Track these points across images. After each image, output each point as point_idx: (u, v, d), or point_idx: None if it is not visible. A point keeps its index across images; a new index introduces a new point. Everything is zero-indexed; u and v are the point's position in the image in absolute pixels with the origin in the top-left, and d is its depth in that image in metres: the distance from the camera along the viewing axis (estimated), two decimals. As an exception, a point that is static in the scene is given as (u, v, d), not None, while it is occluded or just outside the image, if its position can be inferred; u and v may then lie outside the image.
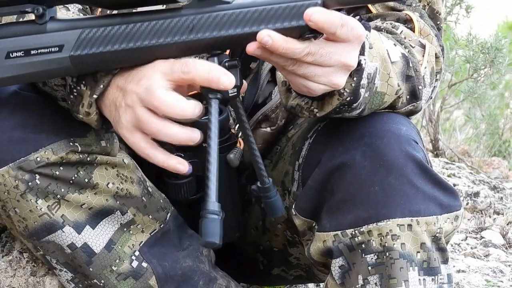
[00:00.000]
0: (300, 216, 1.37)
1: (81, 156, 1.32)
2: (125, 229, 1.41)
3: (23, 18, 1.24)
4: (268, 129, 1.56)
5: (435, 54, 1.44)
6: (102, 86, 1.18)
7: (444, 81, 3.66)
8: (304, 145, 1.40)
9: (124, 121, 1.16)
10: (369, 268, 1.27)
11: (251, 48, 1.09)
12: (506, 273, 2.39)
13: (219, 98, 1.10)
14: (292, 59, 1.10)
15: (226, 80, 1.08)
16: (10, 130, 1.29)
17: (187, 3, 1.12)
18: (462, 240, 2.66)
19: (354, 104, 1.22)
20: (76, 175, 1.33)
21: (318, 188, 1.31)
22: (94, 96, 1.20)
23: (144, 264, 1.43)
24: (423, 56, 1.40)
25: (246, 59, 1.31)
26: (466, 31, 3.40)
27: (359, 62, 1.16)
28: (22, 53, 1.17)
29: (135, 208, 1.41)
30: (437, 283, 1.28)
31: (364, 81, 1.20)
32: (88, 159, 1.33)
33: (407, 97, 1.36)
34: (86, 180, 1.34)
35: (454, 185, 3.00)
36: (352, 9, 1.44)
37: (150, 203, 1.43)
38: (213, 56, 1.12)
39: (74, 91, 1.23)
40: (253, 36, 1.09)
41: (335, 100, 1.20)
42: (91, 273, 1.40)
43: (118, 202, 1.38)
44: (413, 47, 1.38)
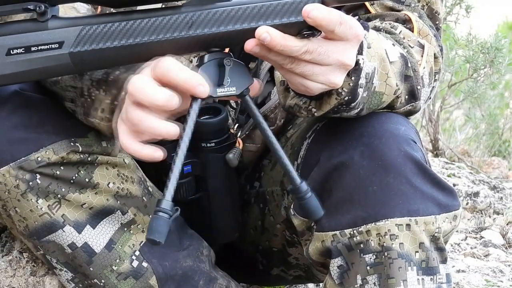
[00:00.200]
0: (298, 216, 1.37)
1: (82, 156, 1.32)
2: (125, 229, 1.41)
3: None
4: (267, 129, 1.56)
5: (434, 54, 1.44)
6: (124, 92, 1.18)
7: (444, 81, 3.66)
8: (303, 145, 1.40)
9: (117, 114, 1.17)
10: (368, 268, 1.27)
11: (249, 46, 1.10)
12: (506, 273, 2.39)
13: (203, 98, 1.11)
14: (290, 57, 1.10)
15: (201, 90, 1.09)
16: (11, 130, 1.29)
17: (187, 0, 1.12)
18: (462, 240, 2.66)
19: (352, 104, 1.22)
20: (76, 175, 1.33)
21: (316, 188, 1.31)
22: (115, 103, 1.20)
23: (145, 264, 1.43)
24: (422, 56, 1.39)
25: (245, 59, 1.31)
26: (466, 31, 3.40)
27: (357, 61, 1.16)
28: (22, 50, 1.17)
29: (135, 208, 1.41)
30: (436, 283, 1.27)
31: (362, 81, 1.20)
32: (89, 159, 1.34)
33: (406, 97, 1.35)
34: (87, 179, 1.34)
35: (454, 185, 3.00)
36: (350, 9, 1.45)
37: (151, 203, 1.43)
38: (211, 53, 1.13)
39: (92, 94, 1.23)
40: (251, 33, 1.09)
41: (333, 100, 1.20)
42: (92, 273, 1.40)
43: (118, 202, 1.38)
44: (412, 47, 1.38)
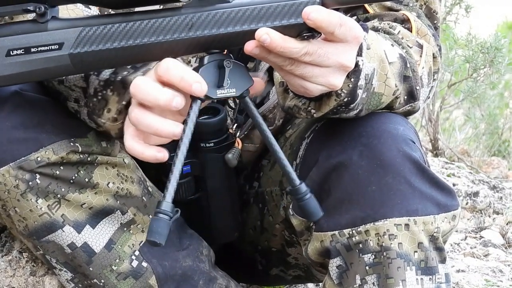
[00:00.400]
0: (297, 216, 1.37)
1: (81, 156, 1.32)
2: (125, 229, 1.41)
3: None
4: (266, 129, 1.56)
5: (433, 54, 1.44)
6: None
7: (443, 80, 3.66)
8: (302, 145, 1.40)
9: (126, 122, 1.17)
10: (367, 268, 1.27)
11: (249, 47, 1.10)
12: (505, 272, 2.38)
13: (202, 99, 1.11)
14: (290, 59, 1.10)
15: (197, 87, 1.09)
16: (11, 130, 1.29)
17: (187, 1, 1.12)
18: (461, 239, 2.66)
19: (352, 105, 1.22)
20: (76, 175, 1.33)
21: (315, 188, 1.31)
22: (123, 103, 1.21)
23: (144, 264, 1.43)
24: (421, 56, 1.39)
25: (243, 59, 1.31)
26: (465, 31, 3.40)
27: (357, 63, 1.16)
28: (22, 51, 1.17)
29: (135, 208, 1.41)
30: (435, 283, 1.27)
31: (361, 82, 1.20)
32: (89, 159, 1.33)
33: (405, 97, 1.35)
34: (87, 179, 1.34)
35: (454, 184, 2.99)
36: (349, 9, 1.45)
37: (150, 202, 1.43)
38: (211, 54, 1.13)
39: (99, 94, 1.23)
40: (251, 34, 1.09)
41: (332, 101, 1.20)
42: (91, 273, 1.40)
43: (118, 201, 1.38)
44: (410, 47, 1.38)
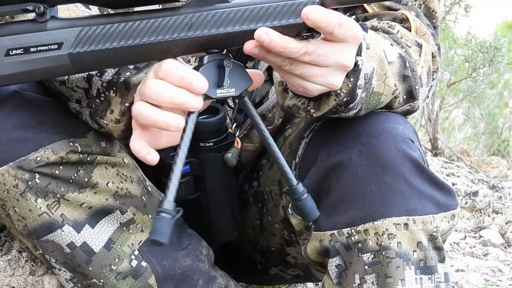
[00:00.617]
0: (296, 215, 1.37)
1: (81, 156, 1.32)
2: (124, 229, 1.41)
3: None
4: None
5: (432, 53, 1.44)
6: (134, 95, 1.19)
7: (443, 80, 3.66)
8: (301, 144, 1.40)
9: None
10: (366, 267, 1.27)
11: (248, 47, 1.10)
12: (505, 272, 2.38)
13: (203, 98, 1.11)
14: (289, 59, 1.10)
15: (198, 85, 1.09)
16: (10, 130, 1.29)
17: (186, 1, 1.12)
18: (461, 239, 2.66)
19: (351, 105, 1.22)
20: (75, 175, 1.33)
21: (314, 187, 1.31)
22: (126, 104, 1.21)
23: (144, 264, 1.43)
24: (420, 55, 1.39)
25: (243, 59, 1.31)
26: (465, 30, 3.40)
27: (356, 62, 1.16)
28: (21, 51, 1.17)
29: (134, 208, 1.41)
30: (434, 282, 1.28)
31: (361, 82, 1.20)
32: (88, 159, 1.34)
33: (404, 97, 1.36)
34: (86, 179, 1.34)
35: (453, 184, 2.99)
36: (348, 9, 1.45)
37: (150, 202, 1.43)
38: (210, 54, 1.13)
39: (102, 96, 1.23)
40: (251, 34, 1.09)
41: (331, 101, 1.20)
42: (90, 273, 1.40)
43: (117, 201, 1.38)
44: (409, 47, 1.38)
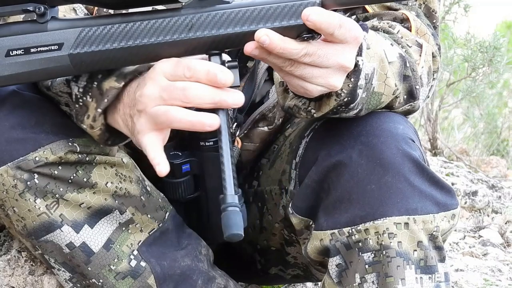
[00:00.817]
0: (297, 214, 1.37)
1: (80, 156, 1.32)
2: (123, 229, 1.41)
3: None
4: (266, 128, 1.56)
5: (432, 53, 1.44)
6: (106, 100, 1.19)
7: (442, 80, 3.67)
8: (301, 143, 1.40)
9: (139, 125, 1.15)
10: (366, 266, 1.27)
11: (249, 48, 1.09)
12: (504, 272, 2.39)
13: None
14: (290, 60, 1.10)
15: (222, 76, 1.08)
16: (9, 130, 1.29)
17: (187, 2, 1.12)
18: (460, 239, 2.66)
19: (352, 105, 1.22)
20: (74, 175, 1.33)
21: (315, 187, 1.31)
22: (99, 110, 1.20)
23: (143, 263, 1.43)
24: (420, 55, 1.39)
25: (243, 58, 1.31)
26: (464, 30, 3.41)
27: (357, 63, 1.16)
28: (22, 51, 1.18)
29: (133, 208, 1.41)
30: (434, 282, 1.28)
31: (361, 82, 1.20)
32: (87, 159, 1.33)
33: (404, 97, 1.36)
34: (85, 179, 1.34)
35: (453, 184, 3.00)
36: (348, 9, 1.45)
37: (149, 202, 1.43)
38: (215, 56, 1.12)
39: (80, 101, 1.23)
40: (251, 35, 1.09)
41: (332, 101, 1.20)
42: (90, 273, 1.40)
43: (116, 201, 1.38)
44: (410, 47, 1.38)
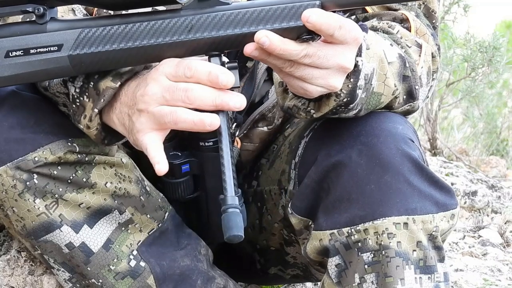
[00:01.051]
0: (296, 214, 1.37)
1: (79, 156, 1.32)
2: (123, 229, 1.41)
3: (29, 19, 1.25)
4: (265, 128, 1.56)
5: (432, 54, 1.44)
6: (103, 100, 1.19)
7: (442, 80, 3.67)
8: (301, 143, 1.40)
9: (139, 124, 1.15)
10: (366, 266, 1.27)
11: (248, 49, 1.10)
12: (504, 272, 2.38)
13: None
14: (289, 61, 1.10)
15: (224, 78, 1.09)
16: (8, 130, 1.29)
17: (187, 3, 1.12)
18: (460, 239, 2.66)
19: (351, 105, 1.22)
20: (74, 175, 1.33)
21: (314, 187, 1.31)
22: (95, 110, 1.21)
23: (142, 264, 1.43)
24: (420, 56, 1.39)
25: (242, 58, 1.31)
26: (464, 30, 3.41)
27: (356, 63, 1.16)
28: (21, 52, 1.18)
29: (133, 208, 1.41)
30: (434, 282, 1.28)
31: (361, 82, 1.20)
32: (86, 159, 1.33)
33: (404, 97, 1.36)
34: (84, 179, 1.34)
35: (452, 184, 3.00)
36: (348, 9, 1.45)
37: (148, 202, 1.43)
38: (214, 57, 1.13)
39: (77, 101, 1.23)
40: (251, 37, 1.09)
41: (332, 101, 1.20)
42: (89, 273, 1.40)
43: (116, 201, 1.38)
44: (409, 47, 1.38)
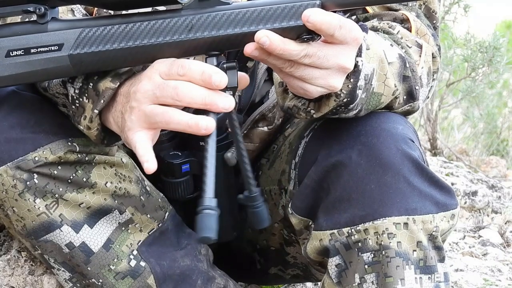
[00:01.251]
0: (296, 214, 1.37)
1: (79, 155, 1.32)
2: (123, 228, 1.41)
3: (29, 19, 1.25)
4: (265, 128, 1.56)
5: (432, 54, 1.44)
6: (103, 101, 1.19)
7: (442, 80, 3.67)
8: (301, 144, 1.40)
9: (129, 121, 1.15)
10: (366, 266, 1.27)
11: (248, 49, 1.10)
12: (504, 272, 2.39)
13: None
14: (290, 61, 1.10)
15: (217, 78, 1.09)
16: (8, 130, 1.29)
17: (187, 3, 1.12)
18: (460, 239, 2.66)
19: (351, 105, 1.22)
20: (74, 175, 1.33)
21: (314, 187, 1.31)
22: (95, 111, 1.21)
23: (142, 263, 1.43)
24: (420, 56, 1.39)
25: (242, 58, 1.31)
26: (464, 30, 3.41)
27: (356, 63, 1.16)
28: (22, 52, 1.18)
29: (133, 207, 1.41)
30: (434, 282, 1.27)
31: (361, 82, 1.20)
32: (87, 158, 1.34)
33: (404, 97, 1.36)
34: (84, 179, 1.34)
35: (452, 184, 3.00)
36: (348, 9, 1.45)
37: (148, 202, 1.43)
38: (211, 57, 1.13)
39: (77, 102, 1.23)
40: (251, 36, 1.09)
41: (332, 102, 1.20)
42: (89, 273, 1.40)
43: (116, 201, 1.38)
44: (410, 47, 1.38)
